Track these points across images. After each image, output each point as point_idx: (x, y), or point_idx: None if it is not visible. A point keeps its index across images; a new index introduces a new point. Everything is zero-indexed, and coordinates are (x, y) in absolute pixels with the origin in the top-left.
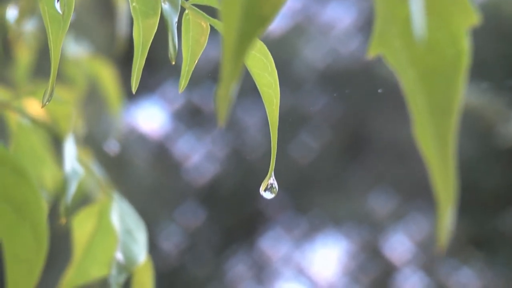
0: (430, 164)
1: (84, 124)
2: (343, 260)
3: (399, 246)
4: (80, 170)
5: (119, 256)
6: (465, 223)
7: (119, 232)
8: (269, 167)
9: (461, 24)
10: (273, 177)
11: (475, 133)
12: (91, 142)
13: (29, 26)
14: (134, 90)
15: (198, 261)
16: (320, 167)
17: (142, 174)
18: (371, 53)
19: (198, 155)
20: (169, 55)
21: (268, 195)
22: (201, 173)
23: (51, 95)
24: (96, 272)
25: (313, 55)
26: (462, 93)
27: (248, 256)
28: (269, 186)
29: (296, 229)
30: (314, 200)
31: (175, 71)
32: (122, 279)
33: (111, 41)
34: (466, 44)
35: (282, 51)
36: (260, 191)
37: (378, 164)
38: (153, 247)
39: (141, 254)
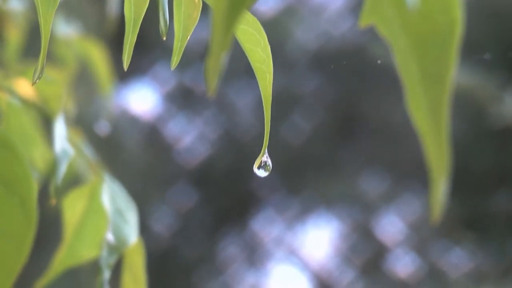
0: (423, 135)
1: (75, 105)
2: (335, 241)
3: (391, 227)
4: (70, 150)
5: (109, 237)
6: (457, 204)
7: (109, 213)
8: (261, 148)
9: None
10: (267, 154)
11: (467, 114)
12: (82, 123)
13: (19, 6)
14: (126, 67)
15: (190, 243)
16: (312, 148)
17: (134, 156)
18: (363, 22)
19: (190, 137)
20: (160, 31)
21: (261, 173)
22: (193, 155)
23: (41, 73)
24: (86, 253)
25: (305, 36)
26: (455, 61)
27: (240, 238)
28: (262, 164)
29: (288, 210)
30: (306, 181)
31: (167, 52)
32: (112, 260)
33: (102, 21)
34: (459, 12)
35: (274, 32)
36: (254, 168)
37: (370, 145)
38: (145, 229)
39: (132, 235)
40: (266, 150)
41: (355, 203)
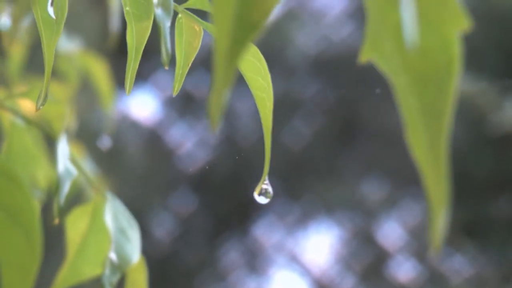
0: (423, 169)
1: (76, 117)
2: (335, 247)
3: (391, 232)
4: (73, 170)
5: (112, 256)
6: (457, 210)
7: (112, 231)
8: (262, 154)
9: (453, 29)
10: (267, 181)
11: (468, 121)
12: (83, 130)
13: (22, 22)
14: (128, 93)
15: (190, 248)
16: (312, 153)
17: (134, 162)
18: (363, 58)
19: (190, 143)
20: (162, 61)
21: (262, 200)
22: (193, 160)
23: (45, 99)
24: (89, 272)
25: (306, 41)
26: (454, 98)
27: (241, 243)
28: (263, 191)
29: (289, 216)
30: (306, 187)
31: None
32: (115, 279)
33: (102, 32)
34: (457, 50)
35: (275, 37)
36: (254, 195)
37: (370, 150)
38: (145, 234)
39: (135, 254)
40: (267, 176)
41: (356, 209)
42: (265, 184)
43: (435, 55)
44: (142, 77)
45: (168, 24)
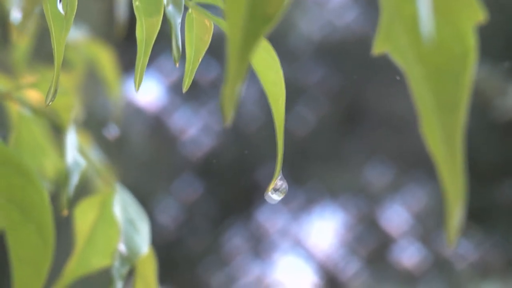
0: (438, 162)
1: (83, 106)
2: (340, 232)
3: (396, 217)
4: (82, 161)
5: (121, 247)
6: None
7: (121, 222)
8: (267, 139)
9: (468, 21)
10: (282, 176)
11: (473, 107)
12: (88, 117)
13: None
14: (137, 89)
15: (195, 234)
16: (317, 139)
17: (138, 148)
18: (377, 50)
19: (194, 128)
20: (173, 58)
21: (276, 197)
22: (197, 146)
23: (54, 94)
24: (97, 263)
25: (309, 27)
26: (469, 90)
27: (246, 229)
28: (278, 187)
29: (293, 201)
30: (311, 172)
31: (171, 44)
32: (125, 270)
33: (107, 19)
34: (473, 42)
35: (278, 23)
36: (268, 193)
37: (375, 135)
38: (150, 221)
39: (144, 245)
40: (281, 172)
41: (360, 194)
42: (279, 180)
43: (451, 47)
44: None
45: (178, 20)
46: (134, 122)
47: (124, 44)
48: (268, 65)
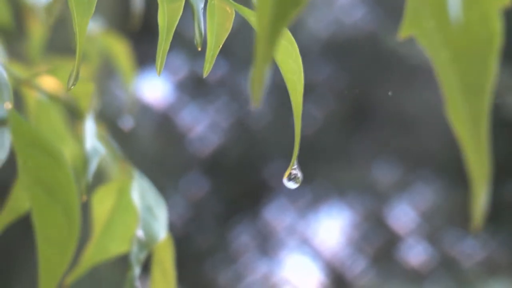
0: (464, 143)
1: (99, 98)
2: (347, 230)
3: (403, 216)
4: (101, 148)
5: (139, 233)
6: (469, 193)
7: (139, 209)
8: (274, 137)
9: (493, 5)
10: (296, 165)
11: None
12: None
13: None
14: (159, 73)
15: (202, 232)
16: (324, 137)
17: (146, 145)
18: (403, 34)
19: (202, 126)
20: (195, 42)
21: (291, 185)
22: (205, 144)
23: (76, 78)
24: (115, 249)
25: (317, 24)
26: (495, 74)
27: (252, 226)
28: (292, 176)
29: (300, 199)
30: (318, 170)
31: (179, 41)
32: (143, 256)
33: (121, 11)
34: (498, 25)
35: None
36: (283, 180)
37: (382, 133)
38: None
39: (162, 231)
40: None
41: (367, 192)
42: (294, 169)
43: (476, 30)
44: (153, 59)
45: (201, 5)
46: (142, 119)
47: (135, 41)
48: (287, 53)
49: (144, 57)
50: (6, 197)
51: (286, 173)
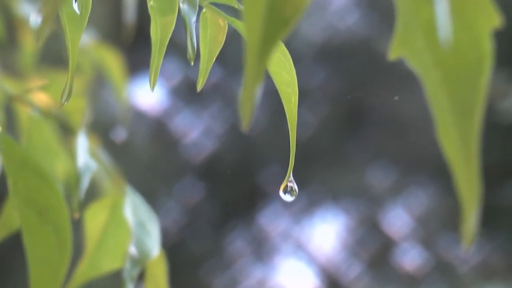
0: (454, 166)
1: (91, 110)
2: (342, 235)
3: (398, 220)
4: (93, 164)
5: (132, 249)
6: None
7: (132, 225)
8: (269, 142)
9: (484, 26)
10: (292, 178)
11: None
12: (92, 120)
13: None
14: (152, 88)
15: (196, 237)
16: (318, 142)
17: (140, 151)
18: (393, 55)
19: (196, 131)
20: (188, 56)
21: (287, 198)
22: (199, 149)
23: (69, 95)
24: (108, 265)
25: (311, 29)
26: (485, 95)
27: (247, 232)
28: (288, 188)
29: (295, 204)
30: (313, 175)
31: (173, 47)
32: (135, 272)
33: (113, 21)
34: (489, 47)
35: None
36: (280, 192)
37: (377, 138)
38: None
39: (155, 247)
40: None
41: (362, 197)
42: (290, 182)
43: (467, 51)
44: (147, 65)
45: (193, 19)
46: (136, 125)
47: (128, 48)
48: (281, 66)
49: (138, 62)
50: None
51: (282, 186)
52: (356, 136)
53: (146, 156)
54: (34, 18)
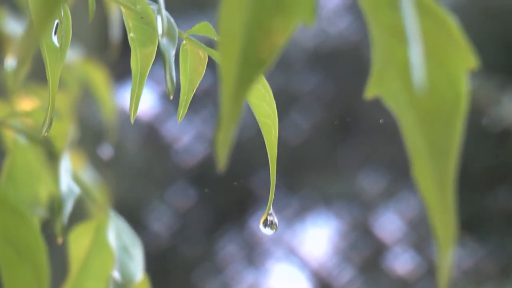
0: (429, 206)
1: (77, 121)
2: (334, 240)
3: (390, 225)
4: (76, 189)
5: (116, 274)
6: (456, 204)
7: (115, 249)
8: (261, 147)
9: (459, 67)
10: (273, 211)
11: (466, 115)
12: (82, 129)
13: (20, 29)
14: (132, 120)
15: (189, 242)
16: (310, 146)
17: (132, 156)
18: (370, 94)
19: (188, 136)
20: (167, 90)
21: (268, 231)
22: (191, 154)
23: (49, 126)
24: None
25: (303, 35)
26: (461, 136)
27: (239, 237)
28: (269, 222)
29: (287, 209)
30: (304, 179)
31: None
32: None
33: (99, 34)
34: (464, 88)
35: None
36: (260, 226)
37: (368, 143)
38: (144, 229)
39: (138, 272)
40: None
41: (354, 201)
42: (270, 215)
43: (442, 92)
44: None
45: (173, 52)
46: (128, 130)
47: (120, 49)
48: (261, 98)
49: (129, 67)
50: None
51: (262, 219)
52: (348, 141)
53: (137, 161)
54: (9, 61)
